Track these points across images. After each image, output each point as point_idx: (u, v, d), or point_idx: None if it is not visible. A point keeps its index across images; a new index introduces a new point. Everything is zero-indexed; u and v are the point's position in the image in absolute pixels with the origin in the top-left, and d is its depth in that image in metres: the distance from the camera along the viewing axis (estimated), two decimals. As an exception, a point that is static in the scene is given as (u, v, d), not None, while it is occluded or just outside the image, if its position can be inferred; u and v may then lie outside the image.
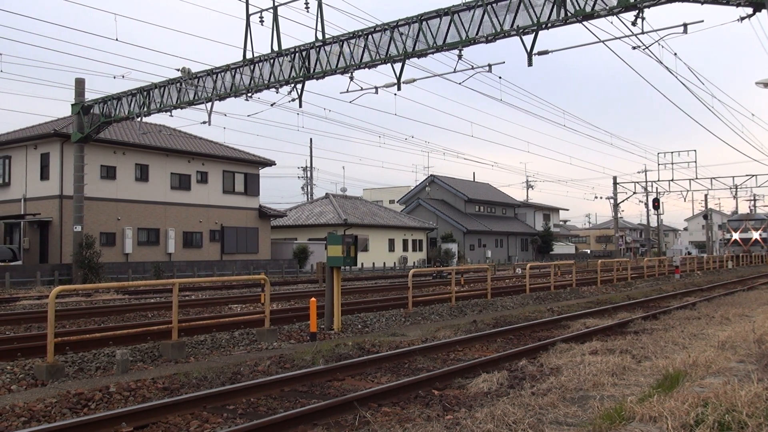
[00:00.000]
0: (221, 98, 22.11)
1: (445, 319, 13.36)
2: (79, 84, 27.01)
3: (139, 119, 25.24)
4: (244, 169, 39.11)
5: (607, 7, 15.01)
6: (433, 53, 17.84)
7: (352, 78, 19.20)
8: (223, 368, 7.79)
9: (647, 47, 15.92)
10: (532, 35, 16.10)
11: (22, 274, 27.03)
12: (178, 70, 23.18)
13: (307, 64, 19.71)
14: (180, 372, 7.52)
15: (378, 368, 8.00)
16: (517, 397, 6.13)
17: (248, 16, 19.82)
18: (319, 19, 18.73)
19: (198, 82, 22.55)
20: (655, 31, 15.44)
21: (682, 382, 6.17)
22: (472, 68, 18.14)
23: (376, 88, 19.55)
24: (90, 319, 14.13)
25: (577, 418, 5.46)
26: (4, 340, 10.51)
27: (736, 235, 56.30)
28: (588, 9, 15.18)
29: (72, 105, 27.00)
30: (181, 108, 23.33)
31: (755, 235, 56.05)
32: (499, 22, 16.34)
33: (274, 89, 20.84)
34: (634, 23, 15.07)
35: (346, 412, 5.81)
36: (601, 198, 73.58)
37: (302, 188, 65.04)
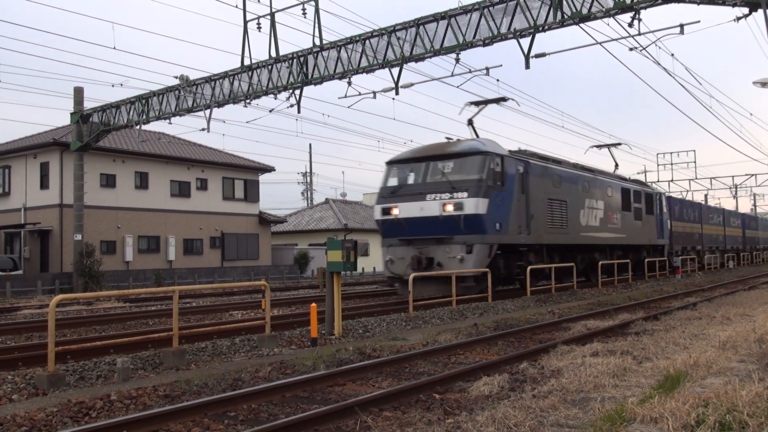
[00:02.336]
0: (220, 105, 22.15)
1: (446, 323, 13.34)
2: (78, 93, 27.06)
3: (138, 127, 25.27)
4: (244, 175, 39.15)
5: (604, 9, 15.06)
6: (430, 57, 17.88)
7: (350, 83, 19.25)
8: (224, 375, 7.79)
9: (644, 48, 15.96)
10: (529, 38, 16.15)
11: (23, 284, 27.03)
12: (176, 77, 23.24)
13: (305, 69, 19.75)
14: (181, 379, 7.51)
15: (379, 373, 8.00)
16: (518, 400, 6.13)
17: (246, 22, 19.87)
18: (317, 25, 18.79)
19: (196, 89, 22.59)
20: (652, 32, 15.49)
21: (683, 383, 6.16)
22: (470, 72, 18.20)
23: (375, 92, 19.60)
24: (91, 327, 14.13)
25: (578, 420, 5.46)
26: (5, 349, 10.51)
27: (397, 212, 17.77)
28: (584, 11, 15.23)
29: (71, 114, 27.05)
30: (180, 115, 23.36)
31: (440, 206, 16.84)
32: (496, 26, 16.39)
33: (272, 95, 20.89)
34: (630, 24, 15.12)
35: (348, 417, 5.81)
36: (600, 199, 72.68)
37: (302, 194, 64.95)
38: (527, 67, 16.31)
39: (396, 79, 18.41)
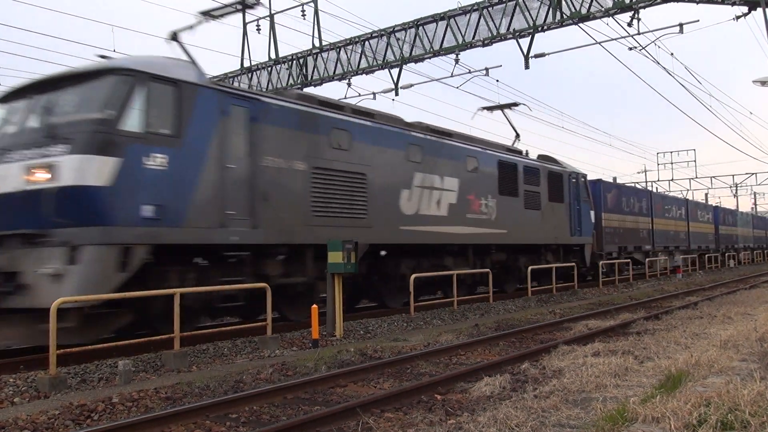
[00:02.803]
0: (220, 107, 22.15)
1: (447, 324, 13.34)
2: (78, 95, 27.01)
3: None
4: (244, 177, 39.08)
5: (603, 9, 15.09)
6: (430, 58, 17.91)
7: (349, 84, 19.30)
8: (225, 377, 7.78)
9: (644, 48, 15.99)
10: (529, 38, 16.17)
11: (23, 287, 26.97)
12: (176, 79, 23.23)
13: (304, 71, 19.77)
14: (182, 381, 7.51)
15: (380, 374, 8.00)
16: (520, 400, 6.13)
17: (245, 24, 19.90)
18: (316, 26, 18.82)
19: (196, 91, 22.60)
20: (651, 31, 15.57)
21: (685, 382, 6.16)
22: (470, 72, 18.25)
23: (374, 93, 19.66)
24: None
25: (580, 420, 5.45)
26: (7, 352, 10.51)
27: None
28: (584, 11, 15.25)
29: (71, 116, 27.03)
30: (180, 117, 23.36)
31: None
32: (495, 26, 16.40)
33: (272, 97, 20.91)
34: (630, 24, 15.17)
35: (349, 419, 5.81)
36: (600, 199, 72.79)
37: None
38: (527, 67, 16.34)
39: (396, 80, 18.45)
